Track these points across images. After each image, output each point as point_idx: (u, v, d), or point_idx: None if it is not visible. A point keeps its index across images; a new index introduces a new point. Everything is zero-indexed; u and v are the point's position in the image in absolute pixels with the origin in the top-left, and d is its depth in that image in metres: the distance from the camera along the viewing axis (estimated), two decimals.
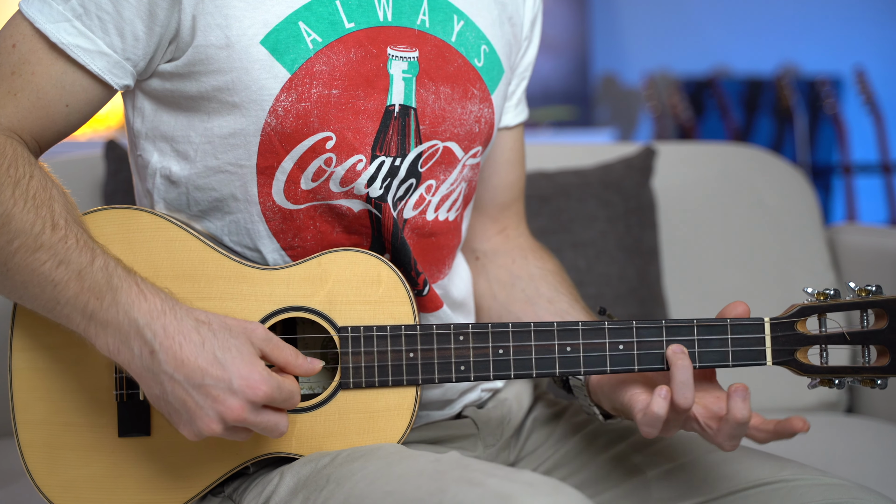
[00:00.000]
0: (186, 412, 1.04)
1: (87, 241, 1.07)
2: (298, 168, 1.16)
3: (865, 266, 2.12)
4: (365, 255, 1.16)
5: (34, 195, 1.07)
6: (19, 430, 1.15)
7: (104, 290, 1.05)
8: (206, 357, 1.03)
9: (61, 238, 1.06)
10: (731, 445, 1.10)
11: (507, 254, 1.39)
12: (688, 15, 5.33)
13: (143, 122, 1.19)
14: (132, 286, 1.05)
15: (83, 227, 1.09)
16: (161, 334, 1.03)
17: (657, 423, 1.09)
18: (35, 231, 1.05)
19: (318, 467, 1.11)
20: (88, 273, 1.05)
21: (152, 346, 1.03)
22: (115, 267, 1.06)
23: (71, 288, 1.05)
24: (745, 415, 1.07)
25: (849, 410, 2.10)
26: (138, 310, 1.04)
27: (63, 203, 1.09)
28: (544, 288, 1.34)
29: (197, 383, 1.03)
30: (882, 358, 1.13)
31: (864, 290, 1.13)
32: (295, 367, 1.09)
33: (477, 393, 1.32)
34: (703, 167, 2.23)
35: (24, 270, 1.06)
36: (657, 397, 1.09)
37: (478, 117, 1.25)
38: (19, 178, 1.07)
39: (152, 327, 1.03)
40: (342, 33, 1.15)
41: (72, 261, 1.05)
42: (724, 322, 1.14)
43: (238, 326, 1.06)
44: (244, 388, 1.03)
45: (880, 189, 4.70)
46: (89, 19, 1.10)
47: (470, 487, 0.96)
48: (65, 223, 1.07)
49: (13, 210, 1.06)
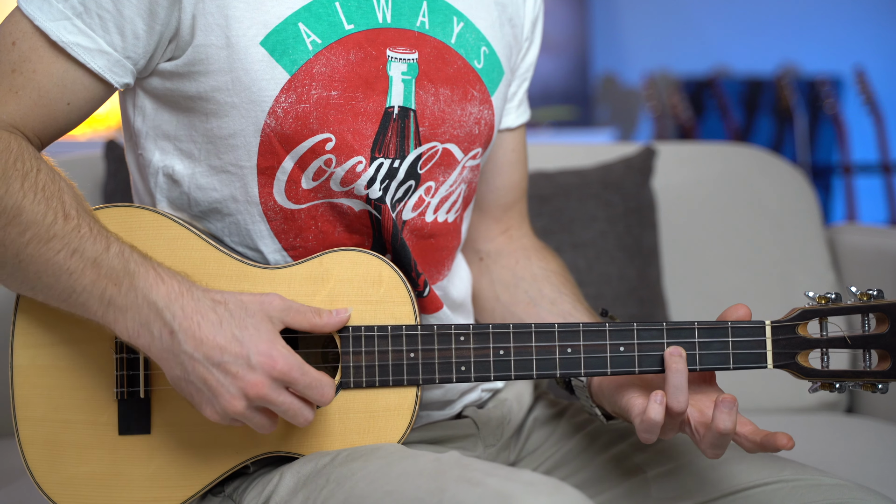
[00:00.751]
0: (209, 390, 1.05)
1: (100, 229, 1.08)
2: (299, 168, 1.16)
3: (865, 266, 2.12)
4: (366, 255, 1.16)
5: (43, 187, 1.07)
6: (20, 426, 1.15)
7: (121, 276, 1.05)
8: (225, 335, 1.04)
9: (74, 227, 1.06)
10: (714, 454, 1.10)
11: (511, 254, 1.39)
12: (688, 15, 5.34)
13: (143, 120, 1.19)
14: (149, 270, 1.06)
15: (94, 217, 1.09)
16: (180, 315, 1.04)
17: (655, 428, 1.10)
18: (47, 221, 1.06)
19: (319, 467, 1.11)
20: (105, 260, 1.06)
21: (171, 327, 1.04)
22: (131, 253, 1.07)
23: (87, 275, 1.06)
24: (727, 426, 1.07)
25: (849, 410, 2.10)
26: (157, 293, 1.05)
27: (72, 194, 1.09)
28: (547, 289, 1.34)
29: (217, 361, 1.04)
30: (883, 362, 1.13)
31: (865, 294, 1.13)
32: (322, 326, 1.10)
33: (477, 393, 1.32)
34: (703, 167, 2.23)
35: (38, 261, 1.06)
36: (653, 403, 1.09)
37: (477, 119, 1.25)
38: (27, 171, 1.07)
39: (171, 308, 1.04)
40: (342, 35, 1.15)
41: (86, 249, 1.06)
42: (725, 324, 1.14)
43: (254, 302, 1.07)
44: (262, 364, 1.03)
45: (880, 189, 4.71)
46: (89, 17, 1.10)
47: (470, 487, 0.96)
48: (76, 213, 1.07)
49: (23, 202, 1.06)
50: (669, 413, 1.10)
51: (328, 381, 1.07)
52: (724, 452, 1.11)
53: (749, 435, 1.09)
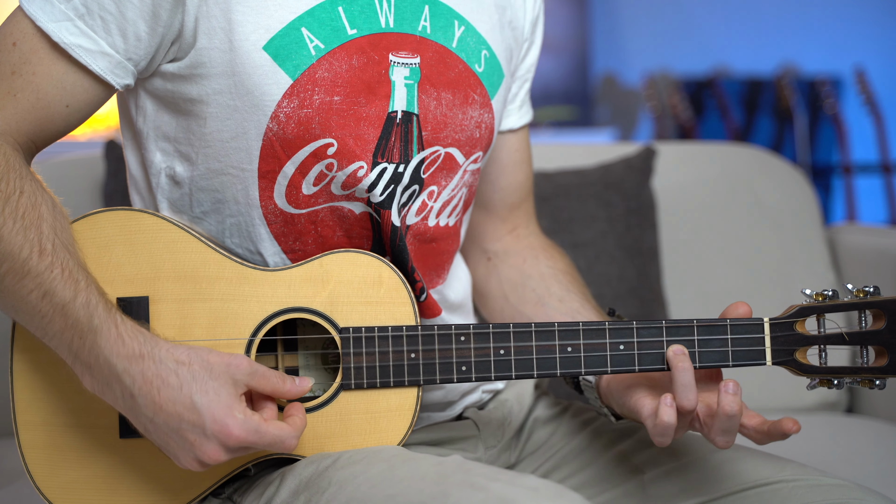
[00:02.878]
0: (170, 451, 1.06)
1: (71, 270, 1.06)
2: (300, 173, 1.16)
3: (865, 266, 2.12)
4: (366, 257, 1.16)
5: (23, 214, 1.06)
6: (20, 430, 1.15)
7: (86, 331, 1.05)
8: (184, 402, 1.03)
9: (47, 266, 1.05)
10: (725, 441, 1.11)
11: (518, 253, 1.39)
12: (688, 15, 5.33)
13: (145, 121, 1.19)
14: (111, 328, 1.05)
15: (70, 251, 1.08)
16: (140, 380, 1.04)
17: (669, 431, 1.10)
18: (23, 256, 1.05)
19: (320, 469, 1.11)
20: (71, 310, 1.05)
21: (132, 391, 1.04)
22: (97, 305, 1.05)
23: (56, 323, 1.05)
24: (734, 408, 1.08)
25: (849, 410, 2.11)
26: (117, 355, 1.04)
27: (51, 223, 1.07)
28: (555, 287, 1.34)
29: (174, 427, 1.04)
30: (880, 358, 1.14)
31: (862, 290, 1.14)
32: (284, 393, 1.09)
33: (478, 394, 1.32)
34: (703, 167, 2.24)
35: (14, 296, 1.06)
36: (664, 406, 1.09)
37: (478, 123, 1.25)
38: (10, 193, 1.06)
39: (131, 373, 1.04)
40: (344, 40, 1.15)
41: (56, 293, 1.05)
42: (724, 322, 1.14)
43: (220, 364, 1.05)
44: (217, 433, 1.03)
45: (880, 189, 4.71)
46: (91, 19, 1.10)
47: (473, 492, 0.96)
48: (52, 248, 1.06)
49: (2, 230, 1.05)
50: (680, 412, 1.10)
51: (288, 434, 1.06)
52: (733, 440, 1.11)
53: (757, 426, 1.10)
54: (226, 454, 1.04)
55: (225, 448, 1.04)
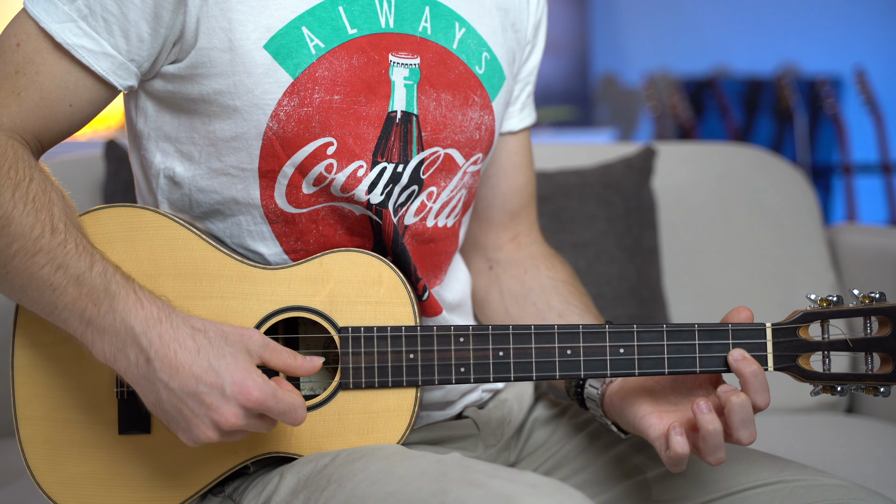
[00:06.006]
0: (183, 420, 1.05)
1: (85, 245, 1.07)
2: (300, 173, 1.16)
3: (865, 266, 2.12)
4: (366, 256, 1.16)
5: (34, 198, 1.07)
6: (20, 426, 1.15)
7: (102, 297, 1.05)
8: (201, 364, 1.03)
9: (60, 242, 1.06)
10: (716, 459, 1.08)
11: (520, 264, 1.39)
12: (688, 15, 5.34)
13: (145, 122, 1.19)
14: (130, 293, 1.05)
15: (82, 232, 1.09)
16: (157, 342, 1.03)
17: (684, 461, 1.09)
18: (34, 234, 1.05)
19: (319, 467, 1.11)
20: (87, 278, 1.05)
21: (148, 354, 1.03)
22: (114, 273, 1.06)
23: (69, 293, 1.05)
24: (715, 424, 1.06)
25: (849, 410, 2.11)
26: (135, 317, 1.04)
27: (62, 207, 1.09)
28: (555, 300, 1.34)
29: (191, 391, 1.03)
30: (885, 365, 1.12)
31: (867, 296, 1.13)
32: (295, 368, 1.09)
33: (478, 393, 1.32)
34: (703, 167, 2.24)
35: (23, 274, 1.06)
36: (675, 436, 1.08)
37: (478, 124, 1.25)
38: (19, 180, 1.07)
39: (148, 335, 1.04)
40: (345, 39, 1.16)
41: (70, 265, 1.05)
42: (726, 327, 1.13)
43: (234, 333, 1.06)
44: (237, 394, 1.03)
45: (880, 189, 4.71)
46: (94, 20, 1.10)
47: (472, 489, 0.96)
48: (64, 227, 1.07)
49: (13, 213, 1.06)
50: (756, 409, 1.08)
51: (300, 403, 1.06)
52: (723, 455, 1.09)
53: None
54: (244, 418, 1.04)
55: (244, 410, 1.03)
